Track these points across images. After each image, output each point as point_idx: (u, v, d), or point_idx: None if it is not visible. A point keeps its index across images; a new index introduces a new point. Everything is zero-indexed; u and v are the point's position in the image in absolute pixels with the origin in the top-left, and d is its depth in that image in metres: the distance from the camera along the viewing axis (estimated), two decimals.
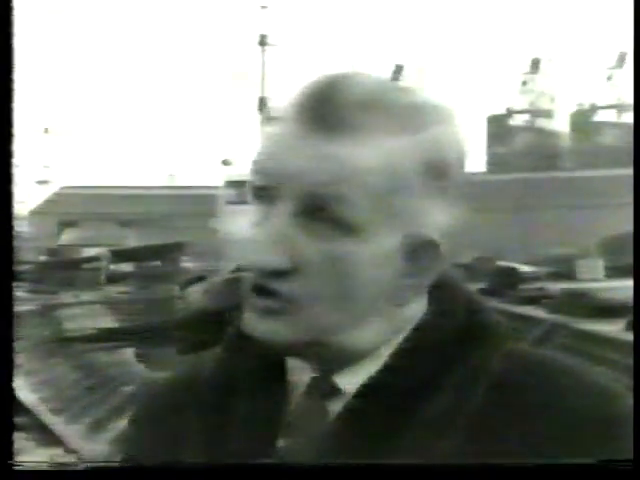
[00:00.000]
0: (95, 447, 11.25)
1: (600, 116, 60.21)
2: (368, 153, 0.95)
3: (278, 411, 1.01)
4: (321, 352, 0.98)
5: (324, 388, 1.00)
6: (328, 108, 0.95)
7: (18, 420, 13.83)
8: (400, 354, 0.99)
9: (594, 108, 60.96)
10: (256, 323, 0.97)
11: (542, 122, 62.97)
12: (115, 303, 24.68)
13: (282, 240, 0.95)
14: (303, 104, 0.96)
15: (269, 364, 1.02)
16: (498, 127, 63.12)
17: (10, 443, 0.95)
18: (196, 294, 21.42)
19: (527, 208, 49.19)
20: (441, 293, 1.03)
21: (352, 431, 0.97)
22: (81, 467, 0.94)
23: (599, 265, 28.61)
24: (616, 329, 16.49)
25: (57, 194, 53.53)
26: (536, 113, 63.11)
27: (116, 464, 0.95)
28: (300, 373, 1.02)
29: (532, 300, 21.98)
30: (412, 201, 0.97)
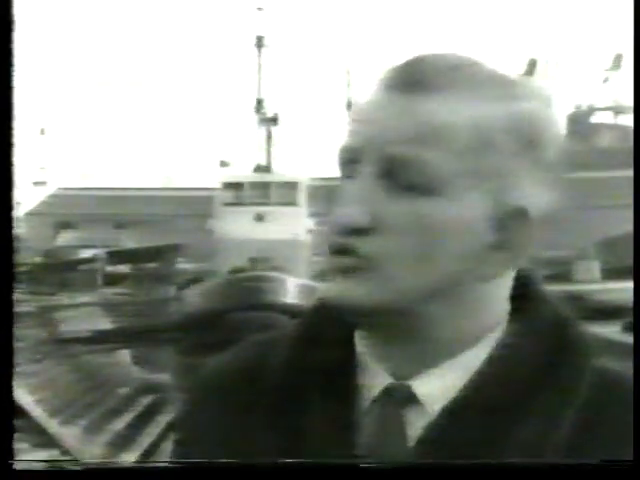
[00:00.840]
0: (91, 449, 11.25)
1: (597, 118, 60.31)
2: (455, 111, 0.93)
3: (348, 414, 0.97)
4: (396, 324, 0.94)
5: (401, 395, 0.96)
6: (420, 70, 0.95)
7: (15, 422, 13.75)
8: (488, 364, 0.95)
9: (591, 110, 61.08)
10: (333, 284, 0.94)
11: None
12: (111, 305, 24.69)
13: (365, 198, 0.93)
14: (394, 71, 0.96)
15: (337, 359, 0.99)
16: None
17: (10, 443, 0.95)
18: (193, 296, 21.44)
19: None
20: (526, 304, 0.99)
21: (437, 447, 0.93)
22: (81, 467, 0.93)
23: (596, 267, 28.67)
24: (613, 331, 16.51)
25: (53, 196, 53.49)
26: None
27: (116, 464, 0.95)
28: (374, 375, 0.98)
29: None
30: (503, 166, 0.94)
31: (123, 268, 30.32)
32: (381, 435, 0.96)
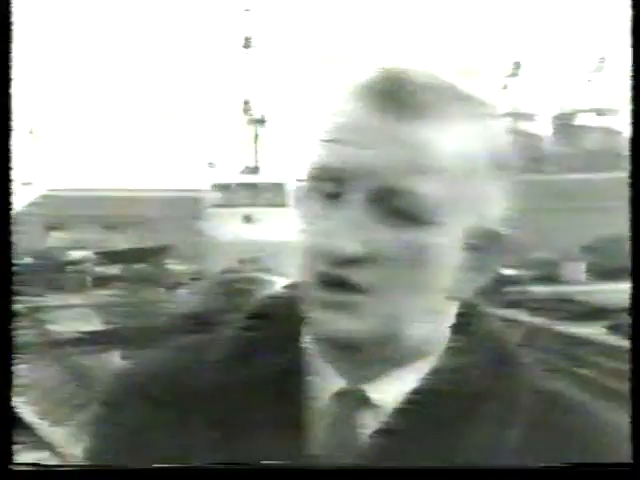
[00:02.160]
0: (81, 450, 11.25)
1: (581, 120, 60.23)
2: (446, 138, 0.92)
3: (298, 414, 0.97)
4: (389, 348, 0.95)
5: (355, 398, 0.97)
6: (403, 89, 0.92)
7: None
8: (435, 377, 0.97)
9: (576, 112, 61.03)
10: (326, 317, 0.92)
11: (524, 125, 63.02)
12: (101, 306, 24.62)
13: (355, 226, 0.91)
14: (376, 84, 0.94)
15: (284, 360, 0.99)
16: None
17: (10, 443, 0.95)
18: (182, 297, 21.42)
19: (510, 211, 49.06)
20: (467, 317, 1.02)
21: (388, 448, 0.94)
22: (80, 467, 0.95)
23: (582, 268, 28.72)
24: (598, 332, 16.56)
25: (42, 196, 53.24)
26: (517, 116, 63.17)
27: (116, 464, 0.94)
28: (326, 378, 0.98)
29: (515, 303, 22.04)
30: (482, 190, 0.95)
31: (113, 269, 30.22)
32: (333, 436, 0.96)
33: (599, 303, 18.91)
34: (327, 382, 0.98)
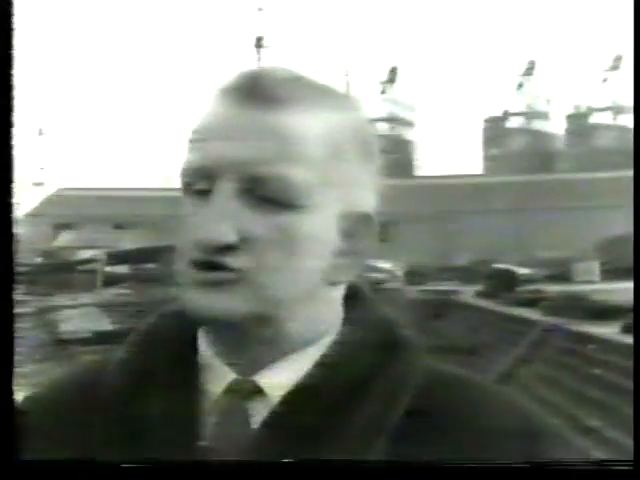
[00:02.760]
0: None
1: (596, 118, 60.34)
2: (306, 123, 0.96)
3: (192, 410, 0.99)
4: (265, 330, 0.98)
5: (246, 389, 1.00)
6: (261, 83, 0.96)
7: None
8: (325, 359, 1.00)
9: (590, 110, 61.10)
10: (202, 296, 0.96)
11: (538, 124, 63.15)
12: (111, 305, 24.69)
13: (227, 216, 0.95)
14: (235, 83, 0.98)
15: (179, 360, 1.02)
16: (494, 129, 63.29)
17: (12, 442, 0.94)
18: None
19: (523, 210, 49.25)
20: (357, 306, 1.05)
21: (278, 435, 0.97)
22: (83, 465, 0.93)
23: (595, 267, 28.69)
24: (612, 331, 16.52)
25: (53, 196, 53.53)
26: (532, 115, 63.27)
27: (117, 462, 0.94)
28: (217, 373, 1.01)
29: (528, 302, 22.02)
30: (350, 175, 0.98)
31: (122, 269, 30.32)
32: (226, 427, 0.98)
33: (613, 302, 18.85)
34: (219, 376, 1.00)
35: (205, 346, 1.02)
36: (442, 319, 23.82)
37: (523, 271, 26.21)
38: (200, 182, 0.97)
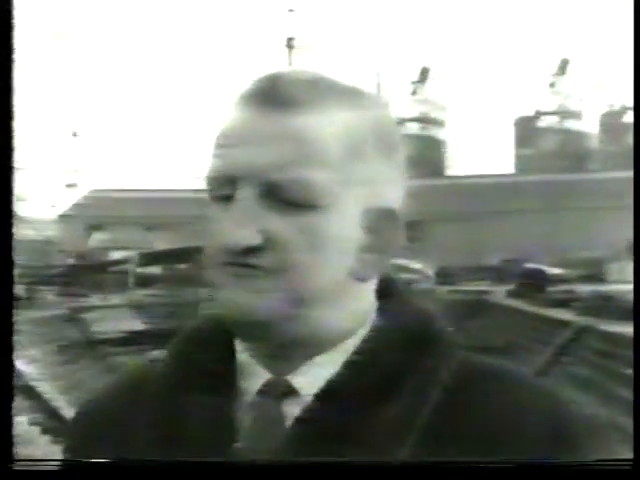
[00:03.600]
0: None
1: (629, 117, 59.85)
2: (323, 124, 0.97)
3: (230, 412, 1.01)
4: (296, 329, 0.99)
5: (280, 389, 1.00)
6: (278, 87, 0.98)
7: (46, 423, 13.91)
8: (356, 358, 1.01)
9: (624, 109, 60.64)
10: (233, 298, 0.98)
11: (570, 123, 62.75)
12: (143, 306, 24.80)
13: (250, 219, 0.97)
14: (253, 89, 0.99)
15: (219, 364, 1.03)
16: (526, 129, 62.97)
17: (10, 443, 0.94)
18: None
19: (556, 210, 48.94)
20: (390, 300, 1.05)
21: (311, 433, 0.97)
22: (81, 466, 0.94)
23: (628, 267, 28.42)
24: None
25: (86, 197, 53.82)
26: (564, 114, 62.89)
27: (116, 463, 0.95)
28: (253, 374, 1.02)
29: (561, 302, 21.87)
30: (369, 171, 0.99)
31: (154, 269, 30.44)
32: (260, 427, 0.99)
33: None
34: (255, 376, 1.02)
35: (242, 347, 1.03)
36: (473, 319, 23.72)
37: (555, 271, 26.06)
38: (223, 188, 0.99)
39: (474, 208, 49.37)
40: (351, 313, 1.02)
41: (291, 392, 1.00)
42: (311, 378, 1.00)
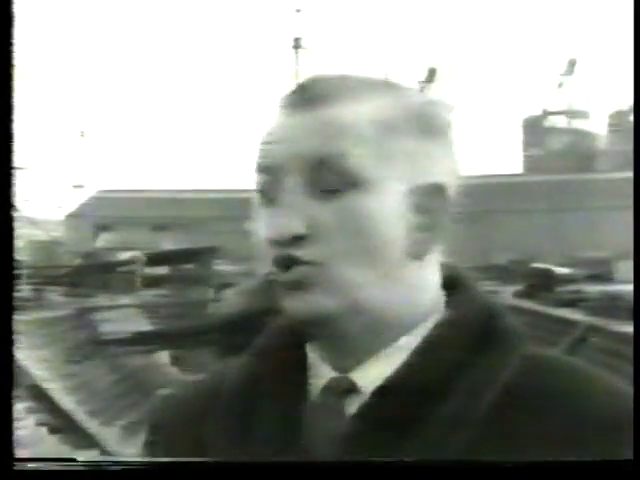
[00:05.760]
0: (130, 450, 11.30)
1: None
2: (356, 110, 1.00)
3: (299, 411, 1.02)
4: (359, 321, 0.99)
5: (342, 386, 1.01)
6: (312, 87, 1.03)
7: (55, 422, 13.93)
8: (417, 354, 1.01)
9: (632, 109, 60.44)
10: (290, 298, 0.99)
11: (578, 123, 62.62)
12: (150, 306, 24.80)
13: (294, 210, 0.99)
14: (291, 93, 1.04)
15: (292, 366, 1.04)
16: (534, 129, 62.84)
17: (10, 443, 0.94)
18: (231, 297, 21.50)
19: (564, 210, 48.86)
20: (458, 296, 1.05)
21: (369, 430, 0.98)
22: (81, 467, 0.93)
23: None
24: None
25: (93, 198, 53.87)
26: (572, 115, 62.75)
27: (117, 464, 0.95)
28: (321, 374, 1.03)
29: (569, 302, 21.82)
30: (407, 147, 1.00)
31: (161, 270, 30.43)
32: (322, 425, 1.00)
33: None
34: (321, 375, 1.03)
35: (311, 348, 1.05)
36: None
37: (563, 271, 26.00)
38: (267, 183, 1.02)
39: (481, 208, 49.34)
40: (414, 301, 1.02)
41: (353, 389, 1.01)
42: (372, 375, 1.00)
